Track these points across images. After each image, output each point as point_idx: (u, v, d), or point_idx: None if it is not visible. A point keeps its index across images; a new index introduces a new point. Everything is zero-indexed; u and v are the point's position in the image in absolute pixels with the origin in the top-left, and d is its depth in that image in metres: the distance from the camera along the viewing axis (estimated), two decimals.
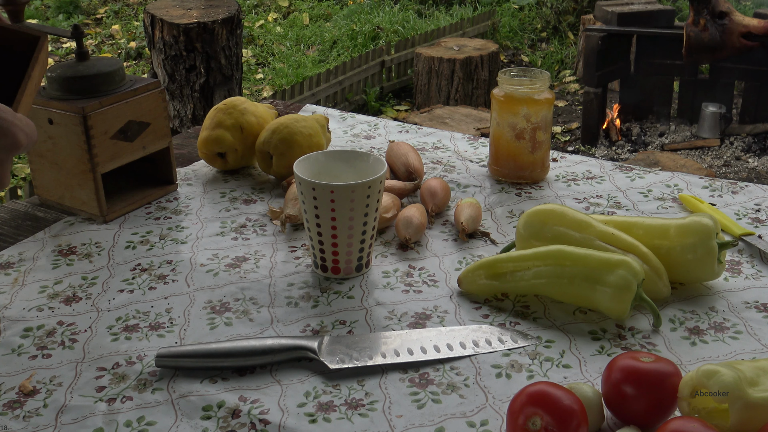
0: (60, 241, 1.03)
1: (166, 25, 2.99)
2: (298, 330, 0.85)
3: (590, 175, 1.20)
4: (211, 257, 0.99)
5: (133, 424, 0.72)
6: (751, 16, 3.77)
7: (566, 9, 5.69)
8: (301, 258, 0.99)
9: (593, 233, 0.90)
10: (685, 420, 0.64)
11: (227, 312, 0.88)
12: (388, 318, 0.87)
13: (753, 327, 0.84)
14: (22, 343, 0.83)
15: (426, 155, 1.28)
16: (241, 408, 0.73)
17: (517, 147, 1.15)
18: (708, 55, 3.57)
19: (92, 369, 0.79)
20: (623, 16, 3.91)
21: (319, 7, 6.36)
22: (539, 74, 1.14)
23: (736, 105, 4.00)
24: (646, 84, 3.96)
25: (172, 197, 1.14)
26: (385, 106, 4.58)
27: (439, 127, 3.51)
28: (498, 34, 5.58)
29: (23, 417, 0.73)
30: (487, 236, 1.03)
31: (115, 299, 0.91)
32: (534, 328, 0.85)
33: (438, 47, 4.49)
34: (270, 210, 1.08)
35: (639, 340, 0.83)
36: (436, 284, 0.93)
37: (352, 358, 0.79)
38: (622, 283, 0.83)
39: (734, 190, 1.15)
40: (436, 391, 0.76)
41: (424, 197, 1.09)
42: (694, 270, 0.89)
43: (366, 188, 0.89)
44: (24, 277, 0.95)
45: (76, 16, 6.18)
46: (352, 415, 0.73)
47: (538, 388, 0.67)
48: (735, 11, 3.54)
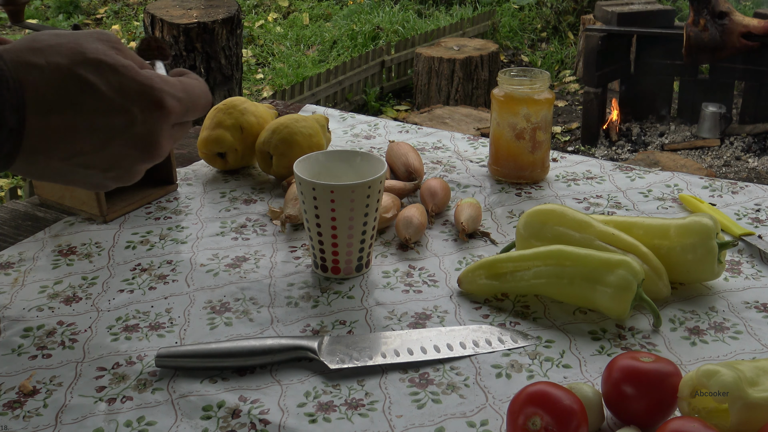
0: (60, 241, 1.03)
1: (166, 25, 2.99)
2: (298, 330, 0.85)
3: (590, 175, 1.20)
4: (211, 257, 0.99)
5: (133, 424, 0.72)
6: (751, 16, 3.78)
7: (566, 9, 5.69)
8: (301, 258, 0.99)
9: (593, 233, 0.90)
10: (685, 420, 0.64)
11: (227, 312, 0.88)
12: (388, 318, 0.87)
13: (753, 327, 0.84)
14: (22, 343, 0.83)
15: (426, 155, 1.28)
16: (241, 408, 0.74)
17: (517, 147, 1.15)
18: (708, 55, 3.57)
19: (92, 369, 0.79)
20: (623, 16, 3.91)
21: (319, 7, 6.36)
22: (539, 74, 1.14)
23: (736, 105, 4.00)
24: (646, 84, 3.96)
25: (172, 197, 1.14)
26: (385, 106, 4.59)
27: (439, 127, 3.51)
28: (498, 34, 5.58)
29: (23, 417, 0.73)
30: (487, 236, 1.03)
31: (115, 299, 0.91)
32: (534, 328, 0.85)
33: (438, 47, 4.49)
34: (270, 210, 1.08)
35: (639, 340, 0.83)
36: (436, 284, 0.93)
37: (352, 358, 0.79)
38: (622, 283, 0.83)
39: (734, 190, 1.15)
40: (436, 391, 0.76)
41: (424, 197, 1.09)
42: (694, 270, 0.89)
43: (366, 188, 0.89)
44: (24, 277, 0.95)
45: (76, 16, 6.18)
46: (352, 415, 0.73)
47: (538, 388, 0.67)
48: (735, 11, 3.54)
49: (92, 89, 0.61)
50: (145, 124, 0.64)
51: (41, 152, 0.61)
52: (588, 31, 3.86)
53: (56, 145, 0.61)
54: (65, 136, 0.61)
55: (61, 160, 0.63)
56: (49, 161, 0.62)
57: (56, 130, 0.60)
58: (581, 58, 4.50)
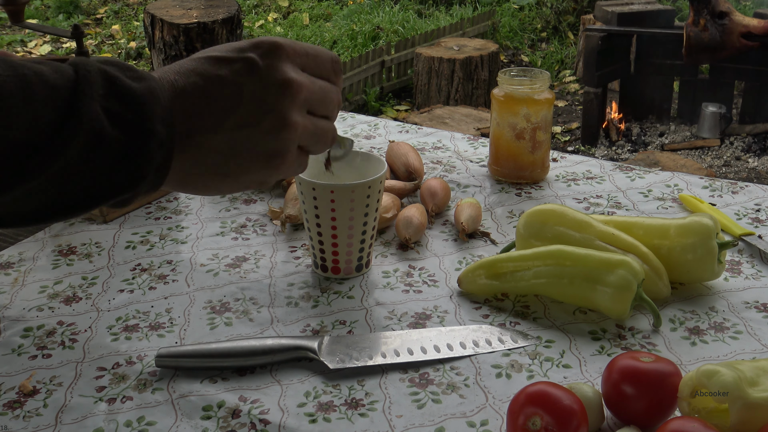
0: (60, 241, 1.03)
1: (166, 25, 2.99)
2: (298, 330, 0.85)
3: (590, 175, 1.20)
4: (211, 257, 0.99)
5: (133, 424, 0.72)
6: (751, 16, 3.77)
7: (566, 9, 5.69)
8: (301, 258, 0.99)
9: (593, 233, 0.90)
10: (685, 420, 0.64)
11: (227, 312, 0.88)
12: (388, 318, 0.87)
13: (753, 327, 0.84)
14: (22, 343, 0.83)
15: (426, 155, 1.28)
16: (241, 408, 0.73)
17: (517, 147, 1.15)
18: (708, 55, 3.57)
19: (92, 369, 0.79)
20: (623, 16, 3.91)
21: (319, 7, 6.36)
22: (539, 74, 1.14)
23: (736, 105, 4.00)
24: (646, 84, 3.96)
25: (172, 197, 1.14)
26: (385, 106, 4.58)
27: (439, 127, 3.51)
28: (498, 34, 5.58)
29: (23, 417, 0.73)
30: (487, 236, 1.03)
31: (115, 299, 0.91)
32: (534, 328, 0.85)
33: (438, 47, 4.49)
34: (270, 210, 1.08)
35: (639, 340, 0.83)
36: (436, 284, 0.93)
37: (352, 358, 0.79)
38: (622, 283, 0.83)
39: (734, 190, 1.15)
40: (436, 391, 0.76)
41: (424, 197, 1.09)
42: (694, 270, 0.89)
43: (366, 188, 0.89)
44: (24, 277, 0.95)
45: (76, 16, 6.18)
46: (352, 415, 0.73)
47: (538, 388, 0.67)
48: (735, 11, 3.54)
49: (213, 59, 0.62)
50: (268, 67, 0.62)
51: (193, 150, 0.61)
52: (588, 31, 3.86)
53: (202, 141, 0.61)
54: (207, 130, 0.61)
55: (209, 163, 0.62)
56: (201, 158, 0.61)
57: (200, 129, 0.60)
58: (581, 58, 4.50)
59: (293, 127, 0.63)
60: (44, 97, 0.53)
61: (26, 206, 0.55)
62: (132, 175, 0.57)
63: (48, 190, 0.54)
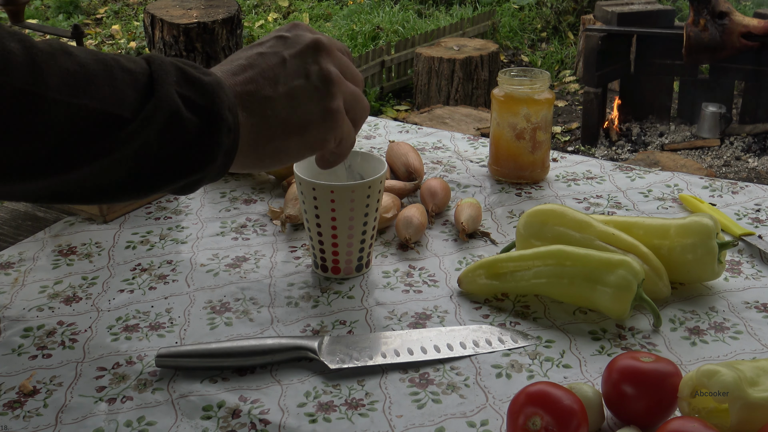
0: (60, 241, 1.03)
1: (166, 25, 2.99)
2: (298, 330, 0.85)
3: (590, 175, 1.20)
4: (211, 257, 0.99)
5: (133, 424, 0.72)
6: (751, 16, 3.77)
7: (566, 9, 5.69)
8: (301, 258, 0.99)
9: (593, 233, 0.90)
10: (685, 420, 0.64)
11: (227, 312, 0.88)
12: (388, 318, 0.87)
13: (753, 327, 0.85)
14: (22, 343, 0.83)
15: (426, 155, 1.28)
16: (241, 408, 0.74)
17: (517, 147, 1.15)
18: (708, 55, 3.57)
19: (92, 369, 0.79)
20: (623, 16, 3.91)
21: (319, 7, 6.36)
22: (539, 74, 1.14)
23: (736, 105, 4.00)
24: (646, 84, 3.95)
25: (172, 197, 1.14)
26: (385, 106, 4.58)
27: (439, 127, 3.51)
28: (498, 34, 5.58)
29: (23, 417, 0.73)
30: (487, 236, 1.03)
31: (115, 299, 0.91)
32: (534, 328, 0.85)
33: (438, 47, 4.49)
34: (270, 210, 1.08)
35: (639, 340, 0.83)
36: (436, 284, 0.93)
37: (352, 358, 0.79)
38: (622, 283, 0.83)
39: (734, 190, 1.15)
40: (436, 391, 0.76)
41: (424, 197, 1.09)
42: (694, 270, 0.89)
43: (366, 188, 0.89)
44: (24, 277, 0.95)
45: (76, 16, 6.18)
46: (352, 415, 0.73)
47: (538, 388, 0.67)
48: (735, 11, 3.54)
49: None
50: (295, 36, 0.70)
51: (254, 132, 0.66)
52: (588, 31, 3.86)
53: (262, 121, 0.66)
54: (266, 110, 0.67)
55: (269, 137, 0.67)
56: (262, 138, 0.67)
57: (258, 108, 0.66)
58: (581, 58, 4.50)
59: (335, 76, 0.69)
60: (124, 78, 0.58)
61: (103, 180, 0.58)
62: (203, 158, 0.61)
63: (126, 166, 0.58)
